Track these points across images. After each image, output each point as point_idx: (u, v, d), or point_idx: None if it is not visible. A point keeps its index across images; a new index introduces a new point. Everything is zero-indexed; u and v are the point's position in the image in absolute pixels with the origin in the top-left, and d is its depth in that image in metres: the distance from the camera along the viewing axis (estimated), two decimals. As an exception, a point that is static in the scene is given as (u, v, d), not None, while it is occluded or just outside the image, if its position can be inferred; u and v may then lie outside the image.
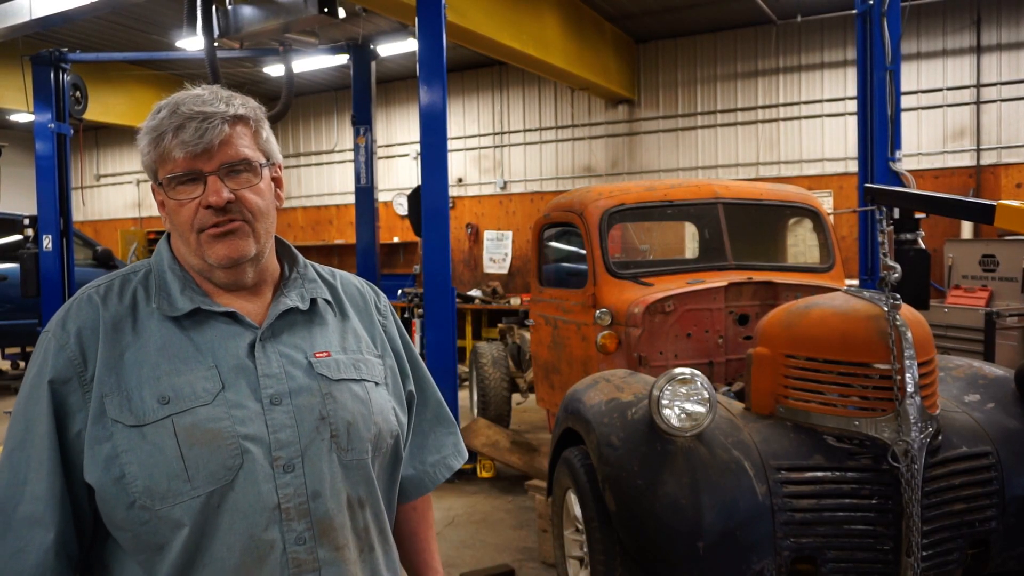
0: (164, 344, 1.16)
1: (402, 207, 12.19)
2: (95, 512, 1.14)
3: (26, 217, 8.12)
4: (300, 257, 1.35)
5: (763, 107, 10.05)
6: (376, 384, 1.29)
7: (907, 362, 2.56)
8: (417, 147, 9.81)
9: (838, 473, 2.57)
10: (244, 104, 1.22)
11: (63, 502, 1.11)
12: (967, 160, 8.91)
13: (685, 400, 2.63)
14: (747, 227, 4.42)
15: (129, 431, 1.10)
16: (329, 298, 1.32)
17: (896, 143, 5.04)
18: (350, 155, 11.51)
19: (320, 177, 13.46)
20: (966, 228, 8.64)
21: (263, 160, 1.23)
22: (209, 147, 1.16)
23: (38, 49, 8.01)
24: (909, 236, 3.70)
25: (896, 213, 3.61)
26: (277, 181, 1.28)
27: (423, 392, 1.45)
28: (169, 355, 1.15)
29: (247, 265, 1.22)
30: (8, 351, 10.52)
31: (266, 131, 1.25)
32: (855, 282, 5.06)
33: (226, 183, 1.18)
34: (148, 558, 1.12)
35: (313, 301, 1.29)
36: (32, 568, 1.09)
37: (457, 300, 6.63)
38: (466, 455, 1.50)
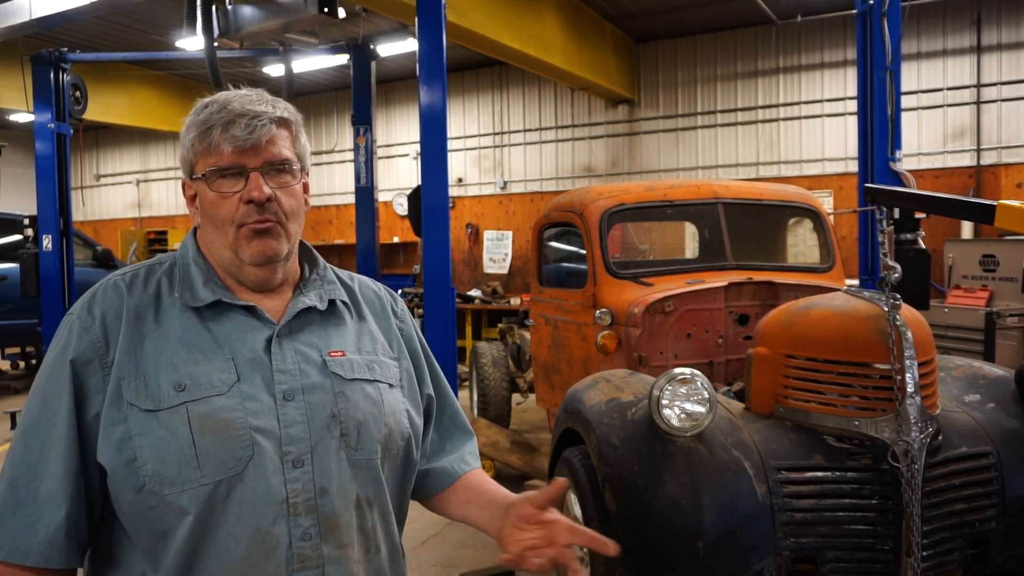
0: (184, 333, 1.19)
1: (402, 207, 12.20)
2: (105, 496, 1.15)
3: (26, 217, 8.12)
4: (320, 260, 1.38)
5: (763, 107, 10.05)
6: (390, 386, 1.31)
7: (907, 362, 2.55)
8: (417, 147, 9.82)
9: (838, 473, 2.57)
10: (287, 108, 1.26)
11: (76, 482, 1.12)
12: (967, 160, 8.91)
13: (685, 400, 2.63)
14: (747, 227, 4.42)
15: (144, 415, 1.12)
16: (347, 300, 1.35)
17: (896, 143, 5.04)
18: (350, 155, 11.52)
19: (320, 177, 13.46)
20: (966, 228, 8.65)
21: (299, 164, 1.27)
22: (257, 144, 1.20)
23: (38, 49, 8.00)
24: (909, 236, 3.70)
25: (896, 213, 3.62)
26: (304, 186, 1.31)
27: (442, 399, 1.47)
28: (188, 344, 1.18)
29: (277, 265, 1.26)
30: (8, 351, 10.52)
31: (303, 137, 1.29)
32: (855, 282, 5.06)
33: (267, 181, 1.21)
34: (152, 546, 1.12)
35: (331, 302, 1.31)
36: (40, 545, 1.10)
37: (457, 300, 6.63)
38: (479, 462, 1.52)
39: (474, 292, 11.13)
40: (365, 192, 8.30)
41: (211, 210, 1.22)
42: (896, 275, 2.65)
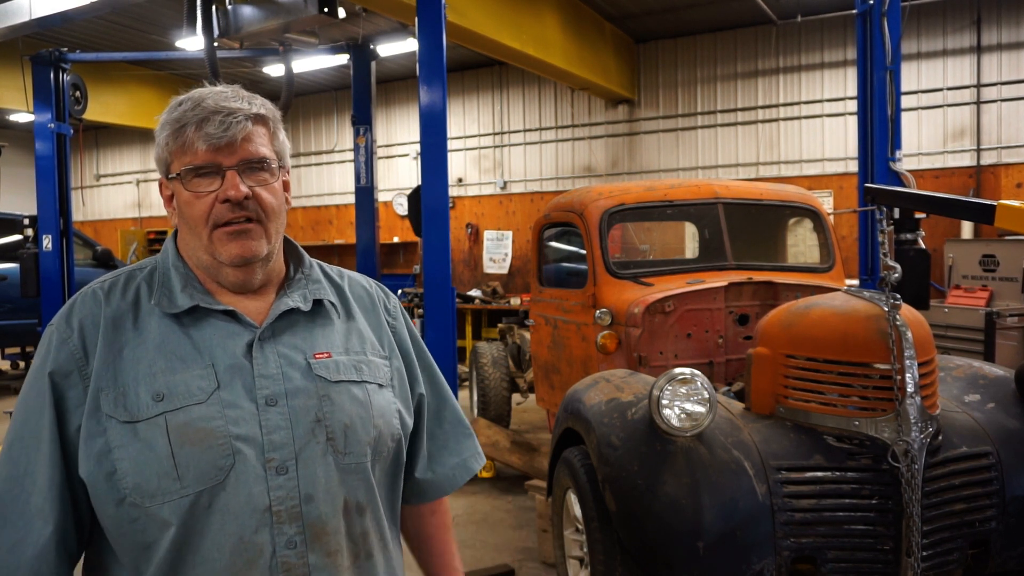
0: (162, 341, 1.16)
1: (402, 207, 12.20)
2: (92, 508, 1.14)
3: (26, 217, 8.12)
4: (307, 257, 1.34)
5: (763, 107, 10.05)
6: (380, 386, 1.27)
7: (907, 362, 2.55)
8: (417, 147, 9.81)
9: (838, 473, 2.57)
10: (263, 105, 1.23)
11: (62, 495, 1.10)
12: (967, 160, 8.91)
13: (685, 400, 2.63)
14: (747, 227, 4.42)
15: (122, 427, 1.10)
16: (334, 299, 1.31)
17: (896, 143, 5.04)
18: (350, 155, 11.51)
19: (320, 177, 13.46)
20: (966, 228, 8.65)
21: (277, 161, 1.24)
22: (232, 142, 1.17)
23: (38, 49, 8.00)
24: (909, 236, 3.70)
25: (896, 213, 3.62)
26: (285, 184, 1.28)
27: (439, 396, 1.44)
28: (166, 352, 1.15)
29: (257, 266, 1.22)
30: (8, 351, 10.52)
31: (282, 134, 1.26)
32: (855, 282, 5.06)
33: (244, 180, 1.18)
34: (135, 558, 1.11)
35: (317, 302, 1.28)
36: (30, 561, 1.08)
37: (457, 300, 6.63)
38: (484, 459, 1.49)
39: (474, 292, 11.13)
40: (365, 192, 8.30)
41: (186, 209, 1.19)
42: (896, 275, 2.65)
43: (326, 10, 5.30)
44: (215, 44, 5.80)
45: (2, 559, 1.08)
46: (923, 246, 3.73)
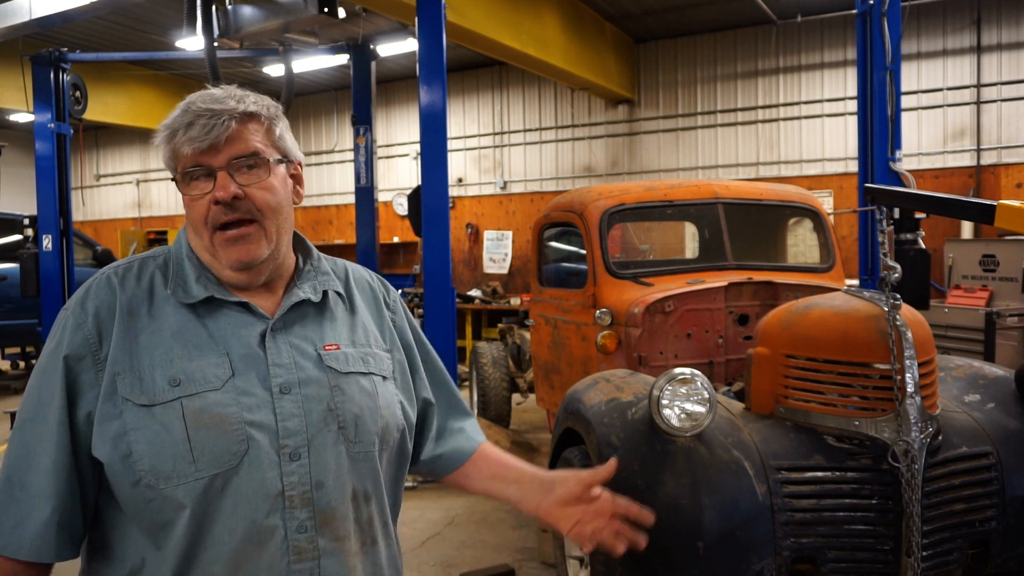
0: (178, 329, 1.19)
1: (402, 207, 12.19)
2: (99, 489, 1.17)
3: (26, 217, 8.12)
4: (314, 250, 1.37)
5: (763, 107, 10.05)
6: (384, 378, 1.32)
7: (907, 362, 2.55)
8: (417, 147, 9.82)
9: (838, 473, 2.57)
10: (257, 102, 1.24)
11: (68, 477, 1.13)
12: (967, 160, 8.91)
13: (685, 400, 2.63)
14: (747, 227, 4.42)
15: (139, 410, 1.13)
16: (340, 291, 1.35)
17: (896, 143, 5.04)
18: (350, 155, 11.51)
19: (320, 177, 13.45)
20: (966, 228, 8.64)
21: (276, 156, 1.24)
22: (216, 142, 1.18)
23: (38, 49, 8.01)
24: (909, 236, 3.69)
25: (896, 213, 3.61)
26: (296, 179, 1.30)
27: (440, 384, 1.49)
28: (183, 340, 1.18)
29: (262, 266, 1.25)
30: (8, 351, 10.52)
31: (280, 128, 1.26)
32: (855, 282, 5.06)
33: (236, 179, 1.19)
34: (154, 534, 1.14)
35: (325, 293, 1.31)
36: (31, 540, 1.11)
37: (457, 300, 6.64)
38: (483, 436, 1.55)
39: (474, 292, 11.13)
40: (365, 192, 8.31)
41: (188, 212, 1.23)
42: (896, 275, 2.64)
43: (326, 10, 5.30)
44: (215, 44, 5.80)
45: (9, 536, 1.12)
46: (923, 246, 3.72)
